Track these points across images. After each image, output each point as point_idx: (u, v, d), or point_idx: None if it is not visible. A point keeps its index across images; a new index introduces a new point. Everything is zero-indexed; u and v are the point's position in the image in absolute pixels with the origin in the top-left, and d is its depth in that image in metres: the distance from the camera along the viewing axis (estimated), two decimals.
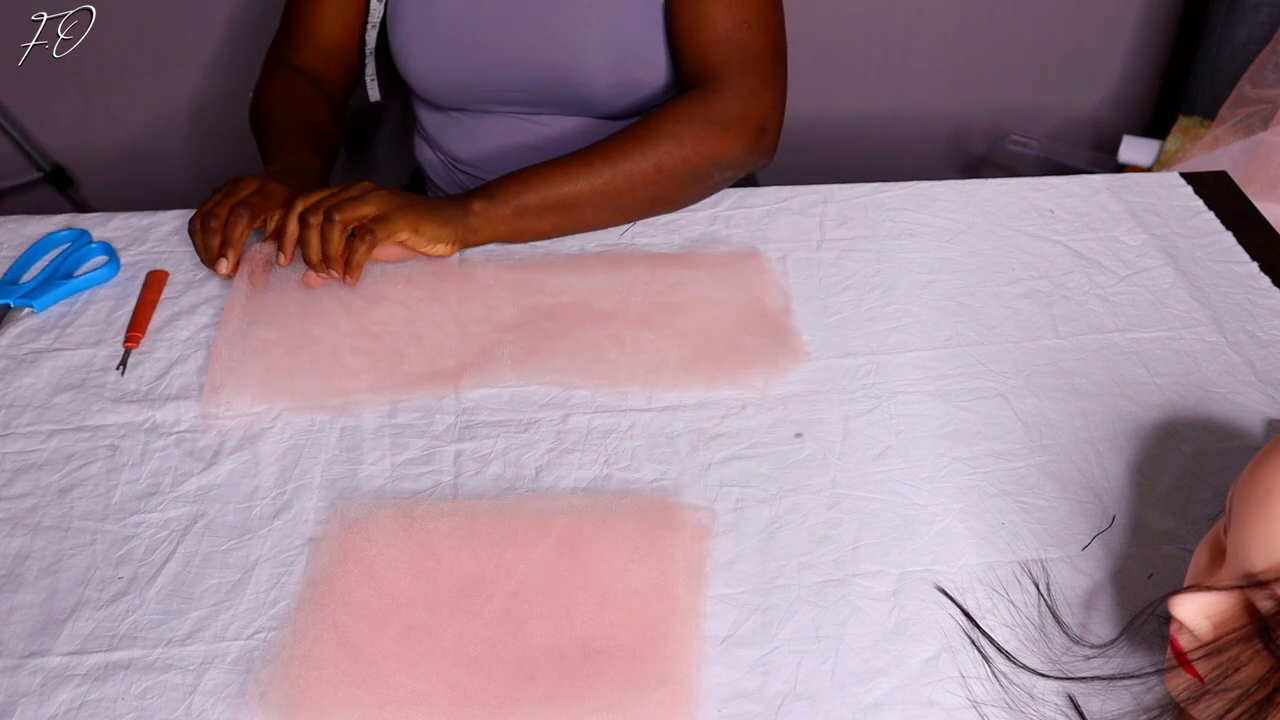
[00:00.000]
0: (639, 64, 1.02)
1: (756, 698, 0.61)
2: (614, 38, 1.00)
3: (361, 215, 0.85)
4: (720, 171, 0.97)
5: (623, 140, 0.93)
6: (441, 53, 1.03)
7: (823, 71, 1.71)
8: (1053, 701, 0.61)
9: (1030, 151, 1.77)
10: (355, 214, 0.85)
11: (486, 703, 0.60)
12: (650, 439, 0.76)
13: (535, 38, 1.00)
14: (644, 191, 0.93)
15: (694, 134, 0.94)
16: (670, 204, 0.97)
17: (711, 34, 0.96)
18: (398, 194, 0.89)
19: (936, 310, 0.87)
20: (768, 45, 0.97)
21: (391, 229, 0.86)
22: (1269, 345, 0.84)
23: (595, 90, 1.03)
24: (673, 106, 0.95)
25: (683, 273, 0.90)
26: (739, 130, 0.96)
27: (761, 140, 0.98)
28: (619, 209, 0.94)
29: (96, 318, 0.86)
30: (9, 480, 0.74)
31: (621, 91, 1.03)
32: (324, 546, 0.69)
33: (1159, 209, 0.98)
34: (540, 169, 0.92)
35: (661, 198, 0.95)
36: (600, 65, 1.01)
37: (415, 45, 1.03)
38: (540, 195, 0.91)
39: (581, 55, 1.01)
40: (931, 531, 0.70)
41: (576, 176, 0.91)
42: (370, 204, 0.86)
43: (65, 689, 0.62)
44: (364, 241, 0.85)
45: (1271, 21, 1.53)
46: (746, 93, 0.96)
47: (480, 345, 0.83)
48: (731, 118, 0.95)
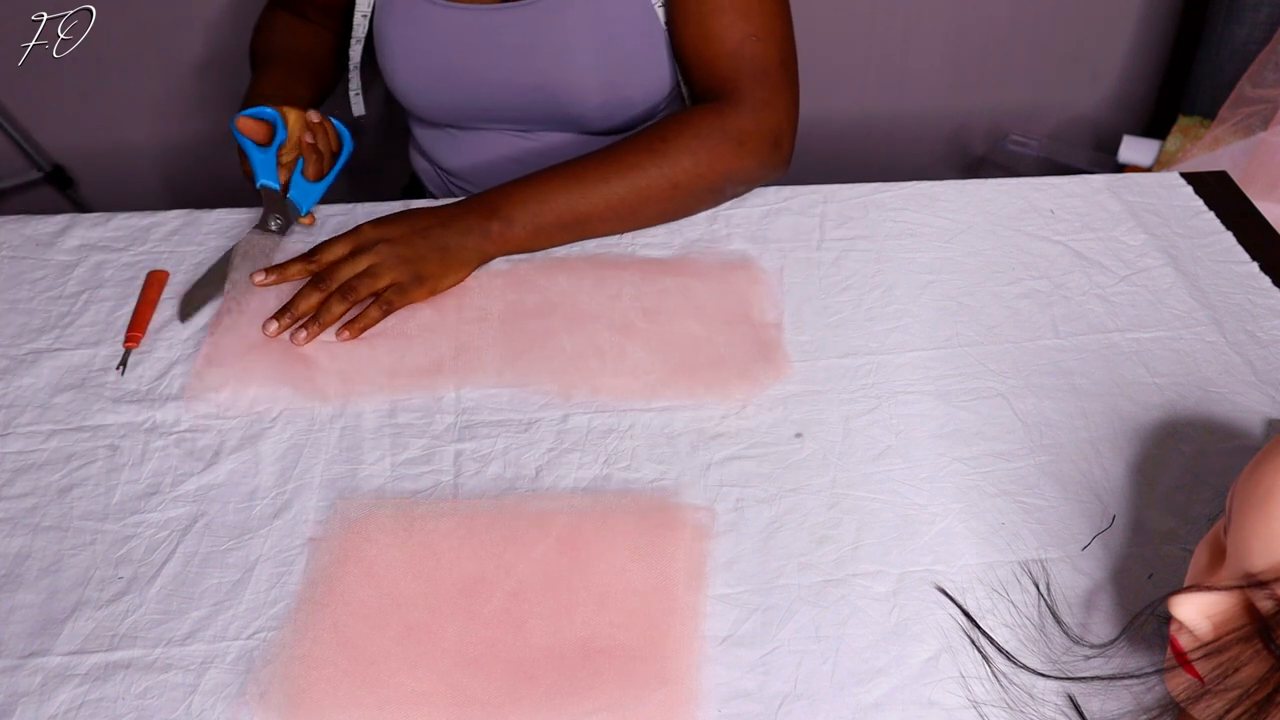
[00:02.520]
0: (631, 83, 1.01)
1: (756, 698, 0.61)
2: (605, 57, 0.99)
3: (376, 290, 0.85)
4: (734, 187, 0.96)
5: (637, 153, 0.92)
6: (430, 71, 1.02)
7: (823, 71, 1.71)
8: (1053, 701, 0.61)
9: (1030, 151, 1.77)
10: (370, 290, 0.85)
11: (486, 703, 0.60)
12: (650, 439, 0.76)
13: (525, 57, 1.00)
14: (657, 206, 0.93)
15: (709, 149, 0.92)
16: (681, 216, 0.96)
17: (719, 47, 0.95)
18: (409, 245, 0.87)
19: (936, 310, 0.87)
20: (777, 57, 0.96)
21: (408, 299, 0.86)
22: (1269, 345, 0.84)
23: (586, 109, 1.02)
24: (687, 120, 0.94)
25: (673, 279, 0.89)
26: (753, 145, 0.94)
27: (776, 153, 0.96)
28: (630, 222, 0.93)
29: (96, 318, 0.86)
30: (9, 480, 0.74)
31: (612, 110, 1.03)
32: (324, 546, 0.69)
33: (1159, 209, 0.98)
34: (554, 181, 0.91)
35: (673, 212, 0.95)
36: (591, 84, 1.00)
37: (403, 64, 1.02)
38: (557, 214, 0.90)
39: (571, 75, 1.00)
40: (931, 531, 0.70)
41: (591, 192, 0.90)
42: (385, 276, 0.85)
43: (65, 689, 0.62)
44: (379, 309, 0.84)
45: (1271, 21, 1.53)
46: (759, 106, 0.94)
47: (462, 342, 0.83)
48: (745, 132, 0.94)
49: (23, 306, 0.87)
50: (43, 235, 0.94)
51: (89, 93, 1.68)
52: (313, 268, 0.87)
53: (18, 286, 0.89)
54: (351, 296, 0.84)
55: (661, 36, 1.00)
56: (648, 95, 1.03)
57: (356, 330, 0.84)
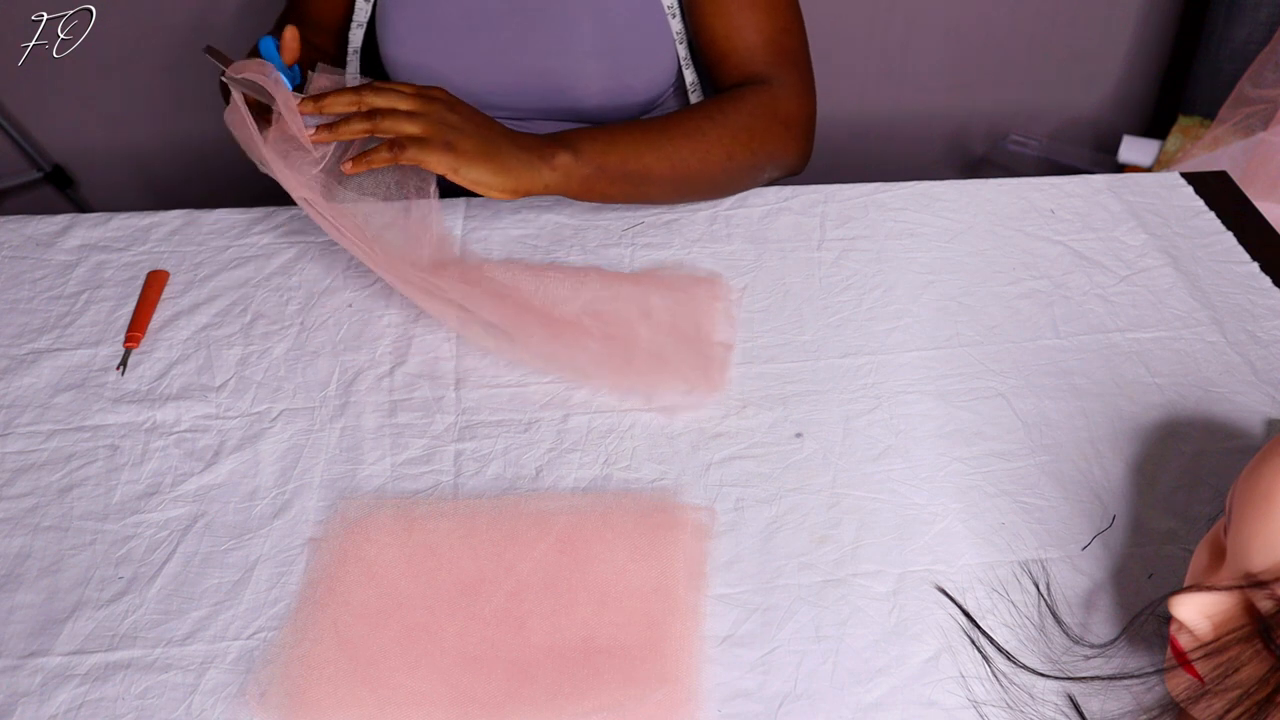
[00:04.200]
0: (633, 71, 1.02)
1: (756, 698, 0.61)
2: (608, 44, 1.00)
3: (399, 132, 0.81)
4: (773, 169, 0.97)
5: (698, 120, 0.92)
6: (430, 55, 1.02)
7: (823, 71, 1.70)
8: (1053, 701, 0.61)
9: (1030, 151, 1.77)
10: (394, 128, 0.81)
11: (486, 703, 0.60)
12: (650, 439, 0.76)
13: (527, 42, 1.00)
14: (710, 175, 0.93)
15: (763, 127, 0.94)
16: (726, 192, 0.97)
17: (756, 37, 0.97)
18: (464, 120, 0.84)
19: (937, 310, 0.87)
20: (804, 50, 1.00)
21: (423, 158, 0.81)
22: (1269, 345, 0.84)
23: (586, 95, 1.02)
24: (741, 97, 0.95)
25: (632, 286, 0.88)
26: (796, 131, 0.97)
27: (808, 143, 0.99)
28: (686, 188, 0.94)
29: (96, 318, 0.86)
30: (9, 480, 0.74)
31: (611, 98, 1.03)
32: (324, 546, 0.69)
33: (1159, 209, 0.98)
34: (622, 131, 0.90)
35: (723, 184, 0.96)
36: (593, 71, 1.01)
37: (404, 47, 1.02)
38: (623, 159, 0.89)
39: (573, 62, 1.00)
40: (931, 531, 0.70)
41: (657, 148, 0.90)
42: (418, 125, 0.81)
43: (65, 689, 0.62)
44: (388, 151, 0.80)
45: (1271, 21, 1.53)
46: (801, 93, 0.98)
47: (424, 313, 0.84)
48: (791, 117, 0.96)
49: (23, 306, 0.87)
50: (43, 235, 0.94)
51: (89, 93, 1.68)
52: (366, 82, 0.84)
53: (18, 286, 0.89)
54: (376, 123, 0.80)
55: (665, 25, 1.00)
56: (650, 84, 1.03)
57: (362, 165, 0.80)
